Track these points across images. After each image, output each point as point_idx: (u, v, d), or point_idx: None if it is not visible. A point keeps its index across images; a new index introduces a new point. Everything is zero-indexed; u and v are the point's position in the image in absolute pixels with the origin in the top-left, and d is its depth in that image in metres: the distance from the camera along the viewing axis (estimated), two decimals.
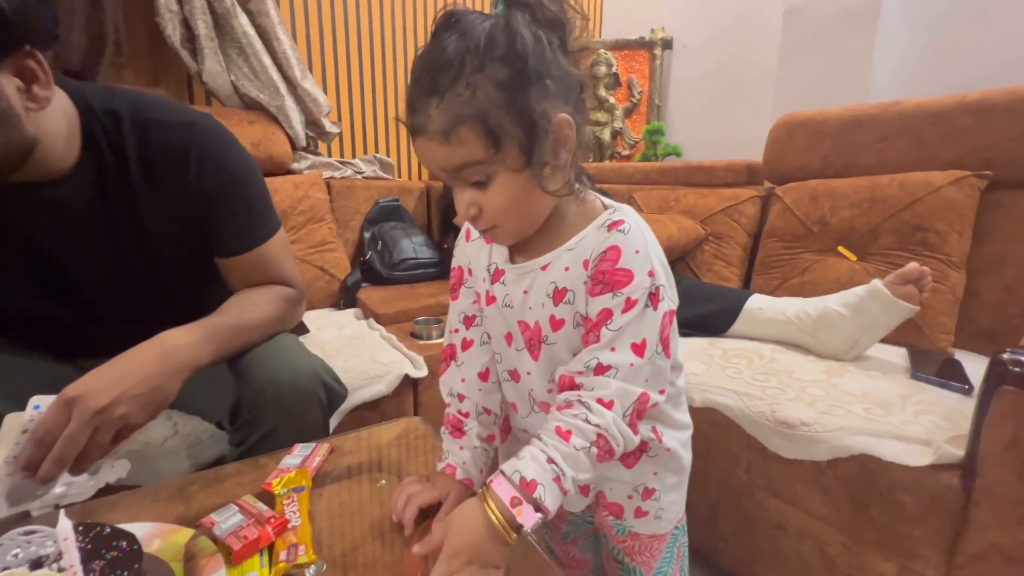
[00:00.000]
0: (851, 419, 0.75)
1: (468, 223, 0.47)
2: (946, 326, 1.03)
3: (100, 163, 0.61)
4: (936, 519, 0.65)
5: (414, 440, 0.71)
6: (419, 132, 0.42)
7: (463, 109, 0.39)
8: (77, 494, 0.52)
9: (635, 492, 0.55)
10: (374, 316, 1.26)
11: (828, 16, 1.45)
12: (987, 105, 1.04)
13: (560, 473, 0.42)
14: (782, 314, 1.06)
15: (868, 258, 1.15)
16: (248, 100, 1.43)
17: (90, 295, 0.67)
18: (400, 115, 0.45)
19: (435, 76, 0.40)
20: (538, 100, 0.41)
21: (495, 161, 0.42)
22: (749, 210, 1.43)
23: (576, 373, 0.46)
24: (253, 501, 0.51)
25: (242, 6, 1.36)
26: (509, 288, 0.52)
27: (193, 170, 0.64)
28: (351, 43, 1.70)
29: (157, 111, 0.64)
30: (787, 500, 0.82)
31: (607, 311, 0.45)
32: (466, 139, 0.40)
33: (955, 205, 1.05)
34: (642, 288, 0.44)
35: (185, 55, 1.35)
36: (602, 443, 0.43)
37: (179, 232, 0.67)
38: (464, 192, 0.44)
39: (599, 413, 0.43)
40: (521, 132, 0.41)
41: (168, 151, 0.63)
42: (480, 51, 0.39)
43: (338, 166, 1.63)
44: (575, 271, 0.48)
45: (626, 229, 0.46)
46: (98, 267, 0.65)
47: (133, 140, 0.62)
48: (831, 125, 1.28)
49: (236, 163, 0.69)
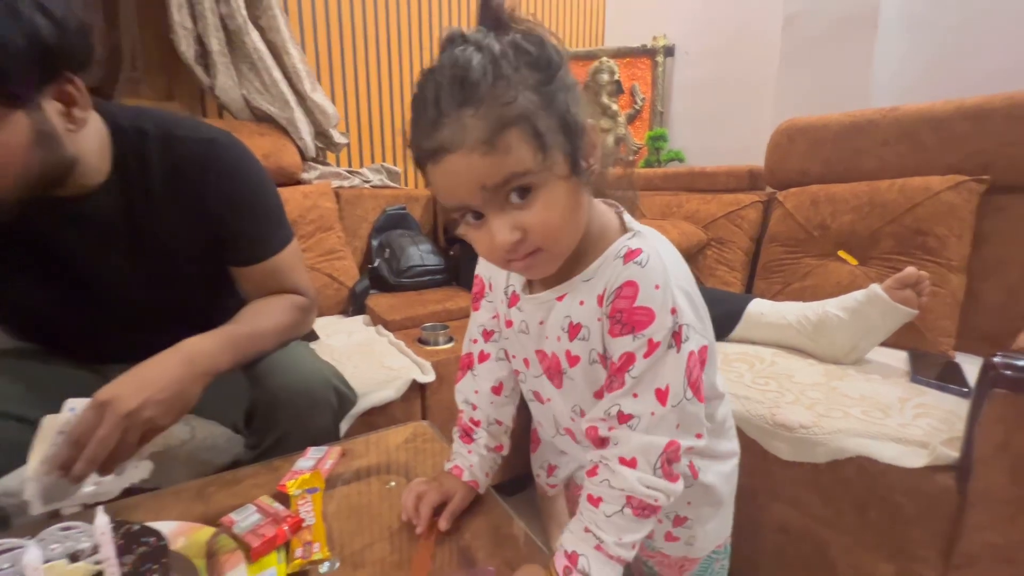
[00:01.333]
0: (849, 422, 0.77)
1: (503, 254, 0.40)
2: (947, 329, 1.04)
3: (127, 179, 0.65)
4: (933, 520, 0.67)
5: (422, 443, 0.74)
6: (451, 148, 0.36)
7: (507, 112, 0.36)
8: (105, 493, 0.55)
9: (665, 517, 0.53)
10: (382, 323, 1.29)
11: (827, 23, 1.47)
12: (985, 110, 1.06)
13: (600, 541, 0.42)
14: (783, 318, 1.07)
15: (869, 262, 1.16)
16: (259, 113, 1.48)
17: (115, 304, 0.70)
18: (409, 141, 0.40)
19: (465, 85, 0.36)
20: (572, 104, 0.39)
21: (545, 169, 0.38)
22: (751, 215, 1.44)
23: (600, 421, 0.44)
24: (270, 501, 0.54)
25: (254, 23, 1.40)
26: (525, 316, 0.51)
27: (212, 183, 0.68)
28: (359, 56, 1.74)
29: (180, 128, 0.67)
30: (788, 503, 0.83)
31: (629, 355, 0.42)
32: (514, 144, 0.36)
33: (954, 209, 1.06)
34: (664, 329, 0.41)
35: (199, 70, 1.39)
36: (635, 503, 0.42)
37: (198, 243, 0.70)
38: (501, 216, 0.39)
39: (620, 476, 0.42)
40: (563, 137, 0.38)
41: (189, 166, 0.66)
42: (510, 57, 0.36)
43: (346, 176, 1.66)
44: (589, 306, 0.44)
45: (644, 260, 0.42)
46: (123, 277, 0.69)
47: (157, 156, 0.65)
48: (831, 131, 1.29)
49: (252, 177, 0.72)
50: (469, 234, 0.42)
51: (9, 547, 0.37)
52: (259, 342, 0.70)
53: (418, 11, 1.82)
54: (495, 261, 0.43)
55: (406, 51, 1.83)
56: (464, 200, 0.39)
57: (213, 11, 1.34)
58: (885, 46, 1.40)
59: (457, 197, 0.39)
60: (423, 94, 0.38)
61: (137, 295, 0.70)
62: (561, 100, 0.38)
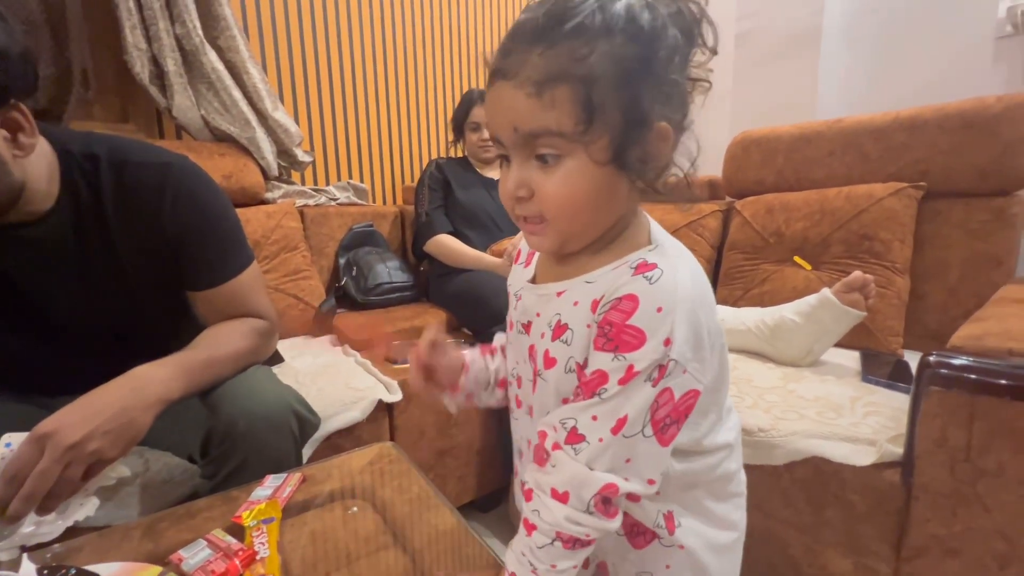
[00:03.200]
0: (804, 423, 0.79)
1: (515, 207, 0.39)
2: (894, 329, 1.09)
3: (77, 203, 0.64)
4: (882, 515, 0.69)
5: (387, 465, 0.73)
6: (505, 75, 0.35)
7: (571, 67, 0.34)
8: (45, 533, 0.52)
9: None
10: (349, 342, 1.27)
11: (774, 41, 1.54)
12: (919, 121, 1.12)
13: (533, 566, 0.40)
14: (742, 324, 1.11)
15: (821, 267, 1.21)
16: (219, 133, 1.45)
17: (64, 331, 0.69)
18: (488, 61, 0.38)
19: (552, 20, 0.34)
20: (650, 96, 0.35)
21: (579, 141, 0.35)
22: (711, 224, 1.49)
23: (552, 429, 0.42)
24: (222, 535, 0.52)
25: (211, 43, 1.39)
26: (523, 311, 0.47)
27: (167, 208, 0.67)
28: (322, 74, 1.74)
29: (134, 153, 0.67)
30: (751, 505, 0.85)
31: (602, 374, 0.38)
32: (559, 102, 0.34)
33: (896, 215, 1.12)
34: (649, 358, 0.36)
35: (154, 91, 1.36)
36: (564, 536, 0.39)
37: (152, 267, 0.69)
38: (520, 168, 0.37)
39: (548, 510, 0.40)
40: (620, 121, 0.35)
41: (143, 190, 0.66)
42: (613, 17, 0.34)
43: (312, 194, 1.65)
44: (582, 309, 0.41)
45: (654, 277, 0.37)
46: (74, 303, 0.67)
47: (110, 180, 0.64)
48: (783, 142, 1.35)
49: (210, 201, 0.72)
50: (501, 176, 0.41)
51: None
52: (216, 368, 0.69)
53: (380, 28, 1.83)
54: (509, 211, 0.42)
55: (370, 67, 1.83)
56: (498, 133, 0.38)
57: (168, 32, 1.33)
58: (828, 61, 1.48)
59: (494, 127, 0.38)
60: (524, 14, 0.36)
61: (89, 321, 0.69)
62: (638, 84, 0.35)
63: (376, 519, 0.61)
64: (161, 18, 1.31)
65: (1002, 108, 1.02)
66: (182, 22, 1.33)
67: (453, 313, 1.42)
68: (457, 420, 1.14)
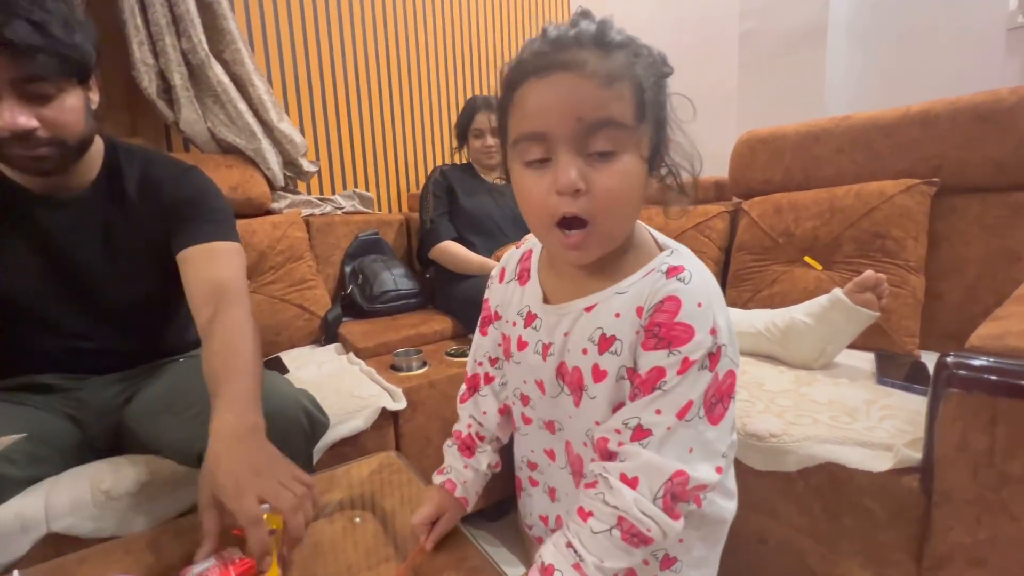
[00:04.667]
0: (818, 428, 0.77)
1: (560, 205, 0.39)
2: (910, 329, 1.06)
3: (110, 185, 0.78)
4: (902, 523, 0.67)
5: (390, 475, 0.72)
6: (569, 67, 0.37)
7: (627, 70, 0.38)
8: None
9: (652, 558, 0.49)
10: (354, 350, 1.27)
11: (779, 38, 1.53)
12: (930, 116, 1.10)
13: (579, 559, 0.40)
14: (752, 326, 1.08)
15: (833, 267, 1.18)
16: (225, 145, 1.47)
17: (89, 294, 0.78)
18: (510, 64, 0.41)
19: (599, 34, 0.38)
20: (666, 105, 0.42)
21: (635, 136, 0.39)
22: (719, 225, 1.47)
23: (613, 432, 0.42)
24: (234, 549, 0.52)
25: (216, 56, 1.41)
26: (543, 333, 0.49)
27: (171, 189, 0.80)
28: (326, 84, 1.75)
29: (163, 157, 0.84)
30: (766, 513, 0.83)
31: (660, 370, 0.40)
32: (625, 96, 0.38)
33: (908, 212, 1.09)
34: (703, 348, 0.40)
35: (162, 105, 1.38)
36: (626, 526, 0.40)
37: (159, 244, 0.79)
38: (576, 163, 0.38)
39: (618, 493, 0.40)
40: (655, 123, 0.40)
41: (160, 179, 0.80)
42: (640, 45, 0.40)
43: (318, 203, 1.66)
44: (627, 318, 0.43)
45: (687, 278, 0.41)
46: (97, 269, 0.78)
47: (136, 171, 0.79)
48: (790, 140, 1.33)
49: (209, 188, 0.83)
50: (523, 182, 0.41)
51: None
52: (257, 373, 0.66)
53: (384, 38, 1.85)
54: (542, 217, 0.41)
55: (374, 77, 1.85)
56: (549, 126, 0.38)
57: (174, 47, 1.35)
58: (835, 57, 1.45)
59: (543, 120, 0.38)
60: (552, 31, 0.39)
61: (108, 287, 0.79)
62: (663, 97, 0.41)
63: (378, 529, 0.60)
64: (168, 33, 1.33)
65: (1016, 100, 0.99)
66: (188, 37, 1.35)
67: (458, 319, 1.42)
68: None
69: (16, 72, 0.61)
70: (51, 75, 0.63)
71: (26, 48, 0.60)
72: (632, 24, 0.40)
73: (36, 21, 0.60)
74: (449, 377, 1.11)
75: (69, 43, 0.64)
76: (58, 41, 0.62)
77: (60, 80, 0.65)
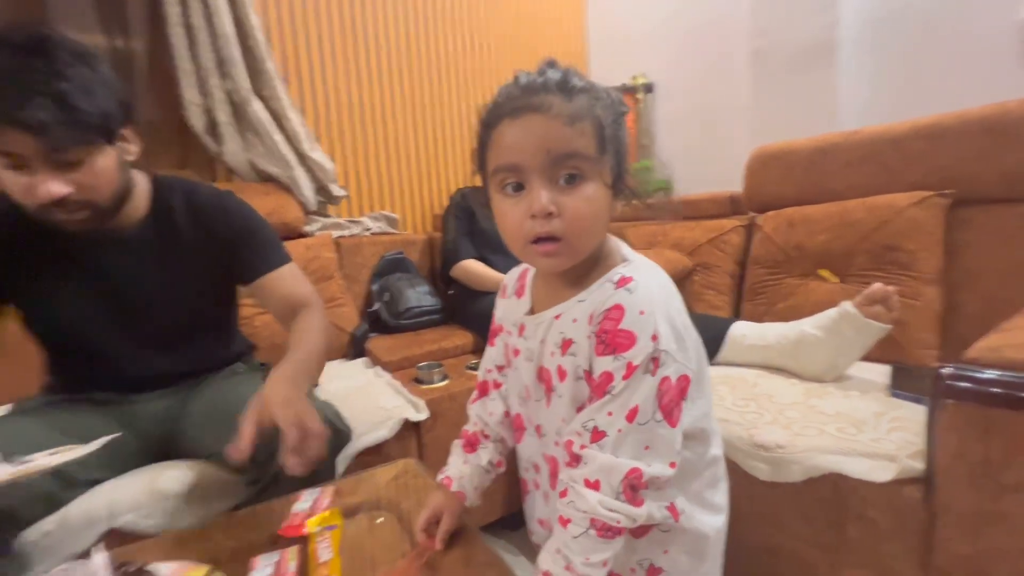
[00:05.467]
0: (823, 439, 0.79)
1: (535, 227, 0.45)
2: (927, 341, 1.05)
3: (159, 217, 0.85)
4: (906, 534, 0.68)
5: (409, 480, 0.78)
6: (538, 110, 0.43)
7: (588, 111, 0.44)
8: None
9: (639, 566, 0.53)
10: (380, 364, 1.34)
11: (789, 54, 1.55)
12: (939, 129, 1.10)
13: (568, 561, 0.45)
14: (763, 339, 1.10)
15: (846, 279, 1.19)
16: (263, 174, 1.59)
17: (145, 317, 0.85)
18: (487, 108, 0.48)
19: (563, 81, 0.44)
20: (625, 139, 0.48)
21: (597, 165, 0.45)
22: (734, 239, 1.49)
23: (576, 435, 0.47)
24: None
25: (257, 94, 1.54)
26: (529, 341, 0.54)
27: (222, 220, 0.88)
28: (355, 114, 1.87)
29: (201, 186, 0.91)
30: (773, 524, 0.84)
31: (608, 374, 0.45)
32: (586, 132, 0.44)
33: (921, 224, 1.09)
34: (643, 353, 0.44)
35: (208, 140, 1.52)
36: (598, 525, 0.44)
37: (211, 268, 0.88)
38: (547, 190, 0.44)
39: (583, 498, 0.45)
40: (614, 157, 0.46)
41: (208, 208, 0.87)
42: (598, 87, 0.46)
43: (347, 225, 1.76)
44: (582, 324, 0.48)
45: (633, 288, 0.46)
46: (153, 294, 0.85)
47: (182, 202, 0.86)
48: (801, 155, 1.35)
49: (253, 215, 0.93)
50: (501, 207, 0.47)
51: None
52: (318, 362, 0.84)
53: (408, 73, 1.97)
54: (518, 237, 0.46)
55: (399, 107, 1.97)
56: (522, 159, 0.44)
57: (220, 87, 1.48)
58: (846, 74, 1.47)
59: (517, 153, 0.44)
60: (523, 79, 0.46)
61: (160, 314, 0.86)
62: (622, 133, 0.47)
63: (398, 528, 0.65)
64: (214, 75, 1.46)
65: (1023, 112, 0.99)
66: (232, 77, 1.48)
67: (479, 334, 1.47)
68: None
69: (42, 147, 0.64)
70: (75, 145, 0.66)
71: (42, 127, 0.62)
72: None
73: (55, 94, 0.62)
74: (469, 389, 1.15)
75: (90, 111, 0.65)
76: (79, 111, 0.64)
77: (86, 146, 0.68)
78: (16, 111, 0.61)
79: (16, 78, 0.62)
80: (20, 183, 0.66)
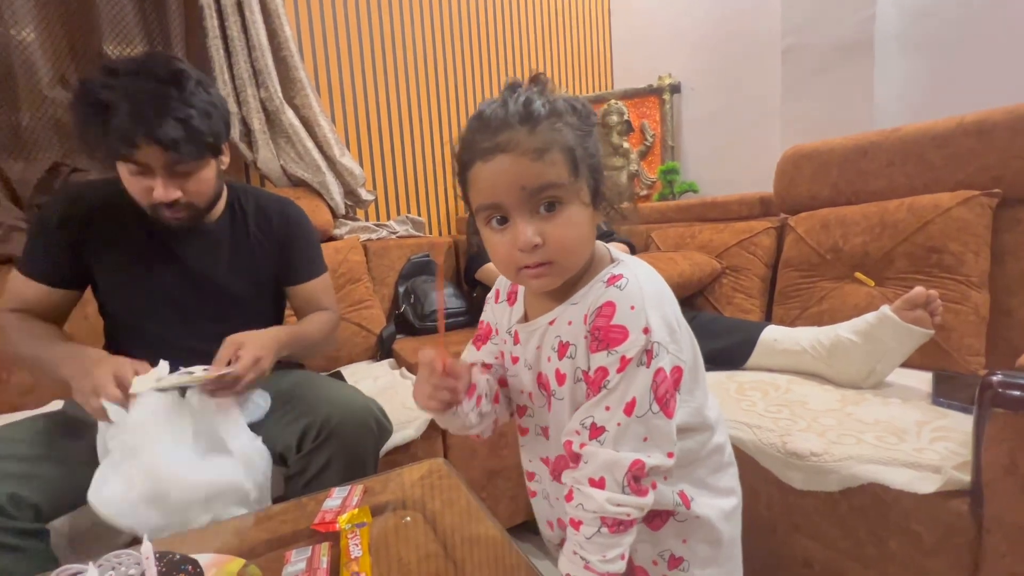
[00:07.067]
0: (862, 448, 0.76)
1: (520, 257, 0.46)
2: (973, 348, 1.00)
3: (233, 217, 0.96)
4: (953, 549, 0.64)
5: (437, 480, 0.79)
6: (506, 149, 0.44)
7: (555, 138, 0.44)
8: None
9: (660, 558, 0.53)
10: (407, 365, 1.36)
11: (824, 51, 1.51)
12: (987, 125, 1.05)
13: (586, 561, 0.45)
14: (797, 344, 1.07)
15: (885, 283, 1.14)
16: (294, 179, 1.64)
17: (213, 296, 0.94)
18: (459, 148, 0.48)
19: (528, 111, 0.44)
20: (598, 150, 0.48)
21: (574, 188, 0.45)
22: (764, 242, 1.45)
23: (574, 434, 0.48)
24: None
25: (289, 103, 1.59)
26: (525, 348, 0.55)
27: (281, 224, 1.00)
28: (383, 120, 1.91)
29: (261, 192, 1.04)
30: (810, 535, 0.81)
31: (603, 369, 0.46)
32: (556, 162, 0.44)
33: (967, 225, 1.04)
34: (636, 346, 0.45)
35: (243, 147, 1.57)
36: (609, 522, 0.45)
37: (268, 264, 0.99)
38: (530, 223, 0.45)
39: (590, 498, 0.45)
40: (588, 173, 0.47)
41: (269, 210, 0.99)
42: (561, 104, 0.46)
43: (375, 228, 1.79)
44: (576, 325, 0.49)
45: (623, 284, 0.47)
46: (223, 279, 0.95)
47: (252, 202, 0.99)
48: (836, 155, 1.31)
49: (304, 222, 1.04)
50: (490, 239, 0.48)
51: (74, 571, 0.44)
52: (305, 339, 0.97)
53: (435, 86, 2.01)
54: (509, 266, 0.48)
55: (425, 114, 2.00)
56: (500, 198, 0.45)
57: (255, 96, 1.53)
58: (884, 71, 1.42)
59: (494, 193, 0.45)
60: (487, 113, 0.46)
61: (229, 292, 0.96)
62: (592, 144, 0.47)
63: (426, 528, 0.66)
64: (249, 85, 1.52)
65: None
66: (265, 87, 1.53)
67: None
68: (507, 441, 1.18)
69: (166, 160, 0.77)
70: (193, 159, 0.79)
71: (173, 144, 0.75)
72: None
73: (182, 118, 0.75)
74: None
75: (206, 131, 0.79)
76: (199, 132, 0.77)
77: (199, 160, 0.81)
78: (156, 130, 0.73)
79: (156, 103, 0.74)
80: (142, 185, 0.79)
